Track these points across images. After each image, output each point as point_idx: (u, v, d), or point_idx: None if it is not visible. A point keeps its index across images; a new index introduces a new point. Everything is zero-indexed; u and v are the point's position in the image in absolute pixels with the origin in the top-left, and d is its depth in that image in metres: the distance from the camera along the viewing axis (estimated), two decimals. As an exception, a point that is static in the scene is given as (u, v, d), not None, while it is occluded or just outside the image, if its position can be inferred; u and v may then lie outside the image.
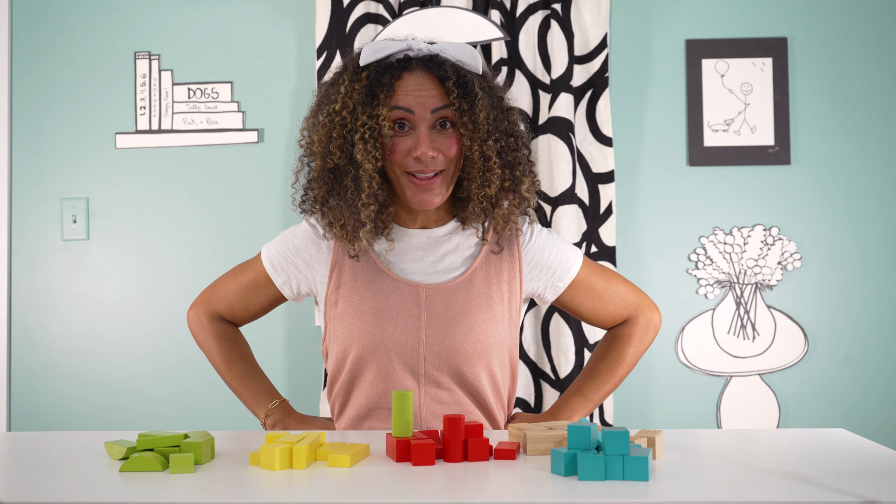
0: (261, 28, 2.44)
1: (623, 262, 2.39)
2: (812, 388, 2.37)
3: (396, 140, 1.35)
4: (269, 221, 2.42)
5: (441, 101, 1.35)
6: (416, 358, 1.39)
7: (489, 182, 1.37)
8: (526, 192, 1.42)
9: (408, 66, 1.37)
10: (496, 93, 1.42)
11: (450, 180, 1.39)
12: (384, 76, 1.35)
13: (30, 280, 2.46)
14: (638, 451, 0.99)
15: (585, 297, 1.50)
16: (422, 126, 1.35)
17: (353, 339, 1.40)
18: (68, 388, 2.44)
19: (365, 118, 1.33)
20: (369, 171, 1.33)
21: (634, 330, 1.52)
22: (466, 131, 1.35)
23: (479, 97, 1.35)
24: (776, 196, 2.38)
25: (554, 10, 2.30)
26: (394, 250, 1.44)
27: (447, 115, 1.36)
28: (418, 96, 1.35)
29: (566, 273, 1.48)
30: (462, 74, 1.37)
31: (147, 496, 0.93)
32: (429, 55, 1.38)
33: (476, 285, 1.42)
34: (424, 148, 1.33)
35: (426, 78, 1.36)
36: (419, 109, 1.34)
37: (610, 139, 2.33)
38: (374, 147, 1.33)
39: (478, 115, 1.35)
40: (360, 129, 1.33)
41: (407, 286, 1.41)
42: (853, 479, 0.97)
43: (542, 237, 1.49)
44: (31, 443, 1.23)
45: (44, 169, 2.46)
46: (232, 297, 1.53)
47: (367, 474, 1.02)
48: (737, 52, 2.38)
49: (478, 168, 1.37)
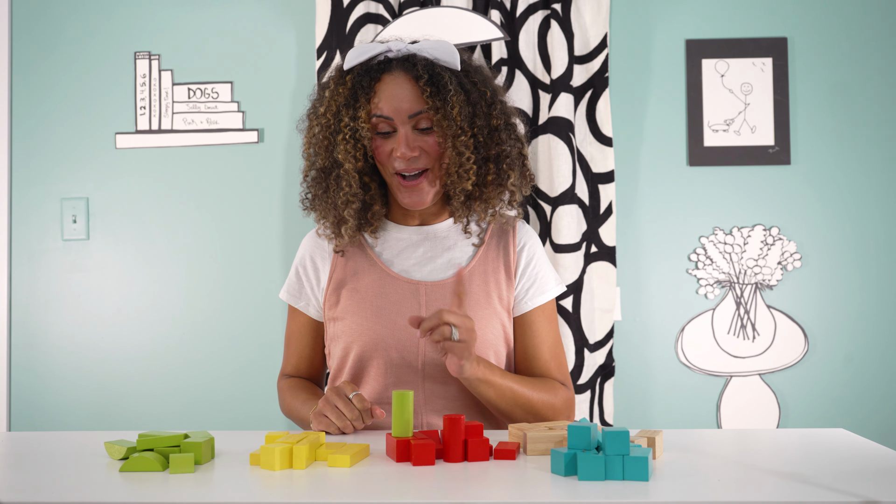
0: (261, 28, 2.44)
1: (623, 262, 2.39)
2: (812, 388, 2.37)
3: (380, 143, 1.40)
4: (269, 221, 2.42)
5: (417, 105, 1.38)
6: (416, 354, 1.41)
7: (464, 177, 1.39)
8: (512, 186, 1.44)
9: (388, 67, 1.41)
10: (480, 87, 1.43)
11: (436, 178, 1.41)
12: (364, 79, 1.39)
13: (30, 280, 2.46)
14: (638, 451, 0.99)
15: (541, 330, 1.49)
16: (402, 128, 1.38)
17: (354, 336, 1.42)
18: (68, 388, 2.44)
19: (347, 119, 1.39)
20: (350, 171, 1.39)
21: (563, 393, 1.47)
22: (440, 129, 1.38)
23: (452, 94, 1.37)
24: (776, 196, 2.38)
25: (554, 10, 2.30)
26: (393, 248, 1.46)
27: (422, 118, 1.39)
28: (395, 102, 1.38)
29: (540, 294, 1.50)
30: (435, 73, 1.39)
31: (147, 496, 0.93)
32: (407, 55, 1.41)
33: (475, 282, 1.44)
34: (404, 149, 1.37)
35: (404, 79, 1.39)
36: (396, 115, 1.38)
37: (610, 139, 2.33)
38: (355, 148, 1.39)
39: (450, 111, 1.37)
40: (343, 130, 1.39)
41: (407, 284, 1.43)
42: (853, 479, 0.97)
43: (536, 248, 1.53)
44: (31, 443, 1.23)
45: (44, 169, 2.46)
46: (290, 354, 1.57)
47: (367, 474, 1.02)
48: (737, 52, 2.38)
49: (454, 163, 1.39)
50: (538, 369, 1.50)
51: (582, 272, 2.30)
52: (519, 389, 1.40)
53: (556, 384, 1.48)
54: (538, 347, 1.50)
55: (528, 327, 1.50)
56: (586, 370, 2.30)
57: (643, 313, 2.39)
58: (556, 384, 1.48)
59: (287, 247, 2.41)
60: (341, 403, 1.27)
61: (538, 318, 1.50)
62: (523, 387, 1.41)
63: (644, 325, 2.39)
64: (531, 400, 1.41)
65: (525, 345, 1.50)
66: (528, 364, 1.50)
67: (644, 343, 2.39)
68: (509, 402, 1.40)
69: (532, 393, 1.41)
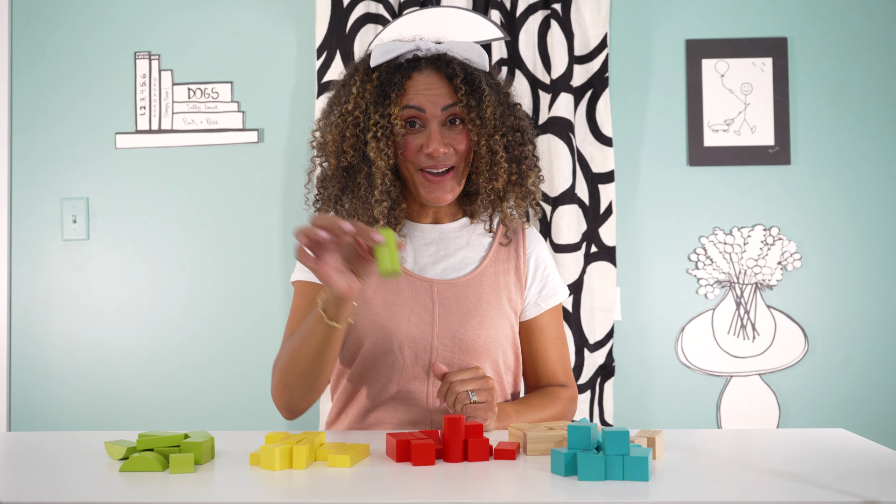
0: (261, 28, 2.44)
1: (623, 262, 2.39)
2: (812, 388, 2.37)
3: (408, 138, 1.40)
4: (269, 221, 2.42)
5: (450, 99, 1.39)
6: (428, 351, 1.41)
7: (496, 175, 1.41)
8: (532, 186, 1.47)
9: (417, 65, 1.41)
10: (502, 89, 1.46)
11: (461, 176, 1.43)
12: (395, 76, 1.39)
13: (30, 280, 2.46)
14: (638, 451, 0.99)
15: (549, 334, 1.52)
16: (433, 123, 1.38)
17: (366, 332, 1.42)
18: (68, 388, 2.44)
19: (377, 117, 1.37)
20: (382, 169, 1.37)
21: (566, 395, 1.52)
22: (474, 127, 1.39)
23: (486, 94, 1.39)
24: (776, 196, 2.38)
25: (554, 10, 2.30)
26: (408, 246, 1.47)
27: (456, 112, 1.39)
28: (428, 95, 1.38)
29: (551, 296, 1.52)
30: (470, 72, 1.41)
31: (147, 496, 0.93)
32: (437, 54, 1.43)
33: (486, 282, 1.46)
34: (436, 144, 1.36)
35: (435, 77, 1.40)
36: (430, 107, 1.38)
37: (610, 139, 2.33)
38: (387, 145, 1.37)
39: (485, 111, 1.38)
40: (373, 128, 1.37)
41: (420, 281, 1.44)
42: (853, 478, 0.97)
43: (545, 253, 1.54)
44: (31, 443, 1.23)
45: (44, 169, 2.46)
46: (291, 333, 1.44)
47: (367, 474, 1.02)
48: (737, 52, 2.38)
49: (486, 162, 1.41)
50: (545, 372, 1.52)
51: (582, 272, 2.30)
52: (534, 418, 1.43)
53: (558, 391, 1.50)
54: (547, 351, 1.52)
55: (537, 332, 1.51)
56: (586, 370, 2.30)
57: (643, 313, 2.39)
58: (558, 391, 1.50)
59: (287, 247, 2.41)
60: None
61: (547, 323, 1.52)
62: (536, 412, 1.44)
63: (644, 325, 2.39)
64: (545, 420, 1.45)
65: (534, 348, 1.52)
66: (536, 368, 1.52)
67: (644, 343, 2.39)
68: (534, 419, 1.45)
69: (544, 413, 1.45)
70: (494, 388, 1.29)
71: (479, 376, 1.28)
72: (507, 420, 1.37)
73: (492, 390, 1.28)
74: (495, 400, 1.29)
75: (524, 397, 1.49)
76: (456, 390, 1.26)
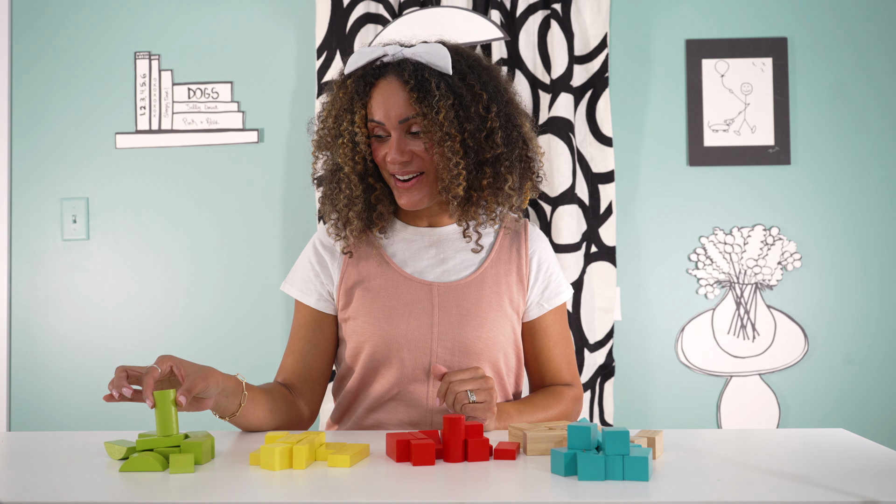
0: (261, 28, 2.44)
1: (623, 262, 2.39)
2: (812, 388, 2.37)
3: (375, 146, 1.42)
4: (269, 221, 2.42)
5: (406, 111, 1.38)
6: (427, 354, 1.41)
7: (454, 182, 1.38)
8: (510, 190, 1.41)
9: (383, 72, 1.41)
10: (476, 89, 1.40)
11: (434, 181, 1.41)
12: (360, 84, 1.41)
13: (30, 280, 2.46)
14: (638, 451, 0.99)
15: (553, 333, 1.52)
16: (394, 133, 1.39)
17: (366, 336, 1.42)
18: (68, 388, 2.44)
19: (346, 124, 1.41)
20: (349, 174, 1.41)
21: (571, 394, 1.51)
22: (426, 134, 1.38)
23: (438, 98, 1.36)
24: (776, 196, 2.38)
25: (554, 10, 2.30)
26: (406, 250, 1.47)
27: (413, 123, 1.39)
28: (386, 107, 1.39)
29: (555, 296, 1.51)
30: (423, 78, 1.38)
31: (147, 496, 0.93)
32: (400, 59, 1.41)
33: (486, 284, 1.45)
34: (394, 154, 1.38)
35: (396, 84, 1.39)
36: (388, 121, 1.39)
37: (610, 139, 2.33)
38: (354, 151, 1.41)
39: (436, 117, 1.36)
40: (343, 135, 1.41)
41: (420, 284, 1.43)
42: (853, 479, 0.97)
43: (548, 253, 1.54)
44: (31, 443, 1.23)
45: (44, 169, 2.46)
46: (285, 354, 1.50)
47: (367, 474, 1.02)
48: (737, 52, 2.38)
49: (443, 168, 1.38)
50: (550, 372, 1.52)
51: (582, 272, 2.30)
52: (536, 418, 1.43)
53: (562, 390, 1.50)
54: (551, 351, 1.51)
55: (541, 332, 1.51)
56: (586, 370, 2.30)
57: (643, 313, 2.39)
58: (562, 390, 1.50)
59: (287, 247, 2.41)
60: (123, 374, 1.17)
61: (551, 322, 1.51)
62: (538, 412, 1.43)
63: (644, 325, 2.39)
64: (548, 419, 1.44)
65: (538, 349, 1.51)
66: (540, 368, 1.52)
67: (644, 343, 2.39)
68: (536, 419, 1.44)
69: (548, 413, 1.44)
70: (493, 388, 1.29)
71: (478, 376, 1.28)
72: (507, 420, 1.37)
73: (491, 390, 1.28)
74: (494, 400, 1.29)
75: (527, 397, 1.48)
76: (455, 390, 1.27)
